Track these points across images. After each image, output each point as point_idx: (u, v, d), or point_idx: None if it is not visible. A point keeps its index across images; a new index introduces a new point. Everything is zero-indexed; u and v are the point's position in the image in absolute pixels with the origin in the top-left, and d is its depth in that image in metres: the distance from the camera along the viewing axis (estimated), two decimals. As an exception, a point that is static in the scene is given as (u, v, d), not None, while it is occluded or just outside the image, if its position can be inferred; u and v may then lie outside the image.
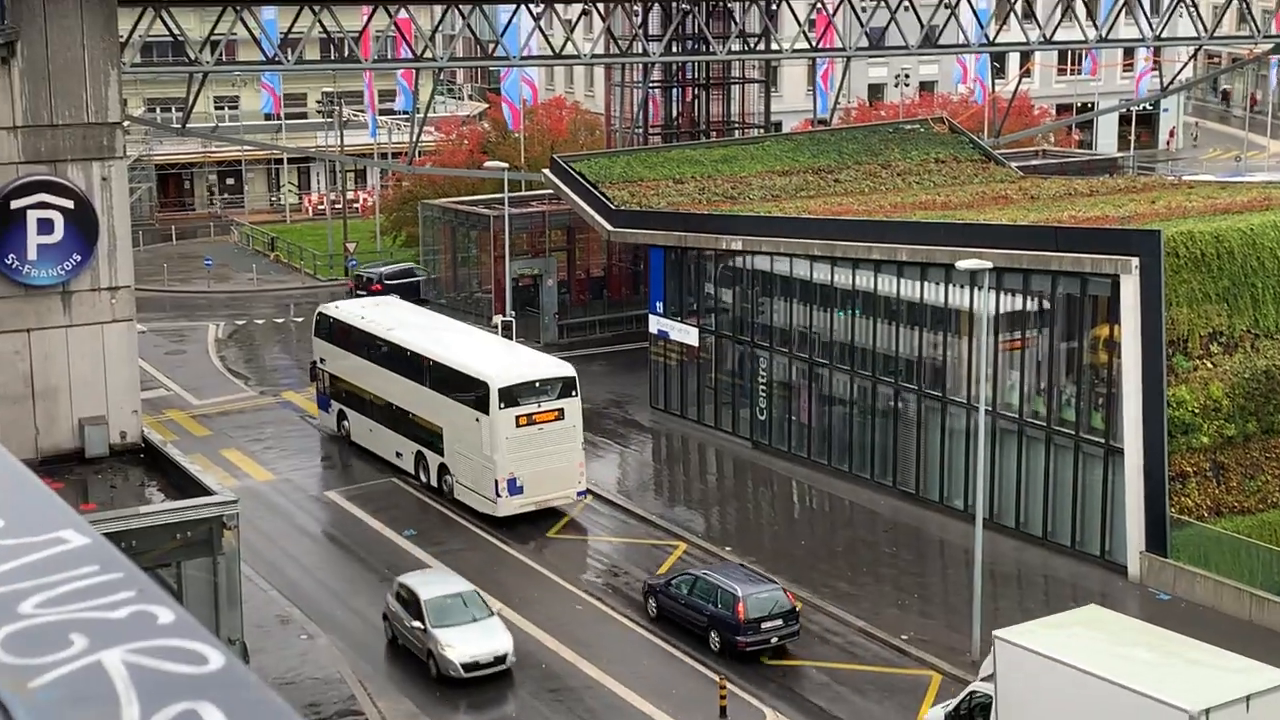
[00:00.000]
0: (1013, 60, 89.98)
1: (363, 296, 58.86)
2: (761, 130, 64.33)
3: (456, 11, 59.04)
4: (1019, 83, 77.15)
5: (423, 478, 45.19)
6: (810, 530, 42.95)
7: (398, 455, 46.35)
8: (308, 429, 51.36)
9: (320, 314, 51.40)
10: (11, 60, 29.67)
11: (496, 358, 44.20)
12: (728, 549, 39.91)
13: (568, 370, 43.14)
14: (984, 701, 28.04)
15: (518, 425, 41.44)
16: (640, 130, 63.04)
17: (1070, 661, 26.16)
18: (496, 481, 41.43)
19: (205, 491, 28.58)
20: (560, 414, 42.07)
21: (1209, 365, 38.20)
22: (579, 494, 42.62)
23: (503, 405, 41.36)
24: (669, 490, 46.62)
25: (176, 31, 53.87)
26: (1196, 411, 37.55)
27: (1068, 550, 39.11)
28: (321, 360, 50.49)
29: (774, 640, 33.64)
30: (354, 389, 48.56)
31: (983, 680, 28.57)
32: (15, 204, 29.86)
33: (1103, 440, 38.25)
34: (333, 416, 49.96)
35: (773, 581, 35.28)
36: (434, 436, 44.42)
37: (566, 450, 42.11)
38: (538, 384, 42.27)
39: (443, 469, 44.08)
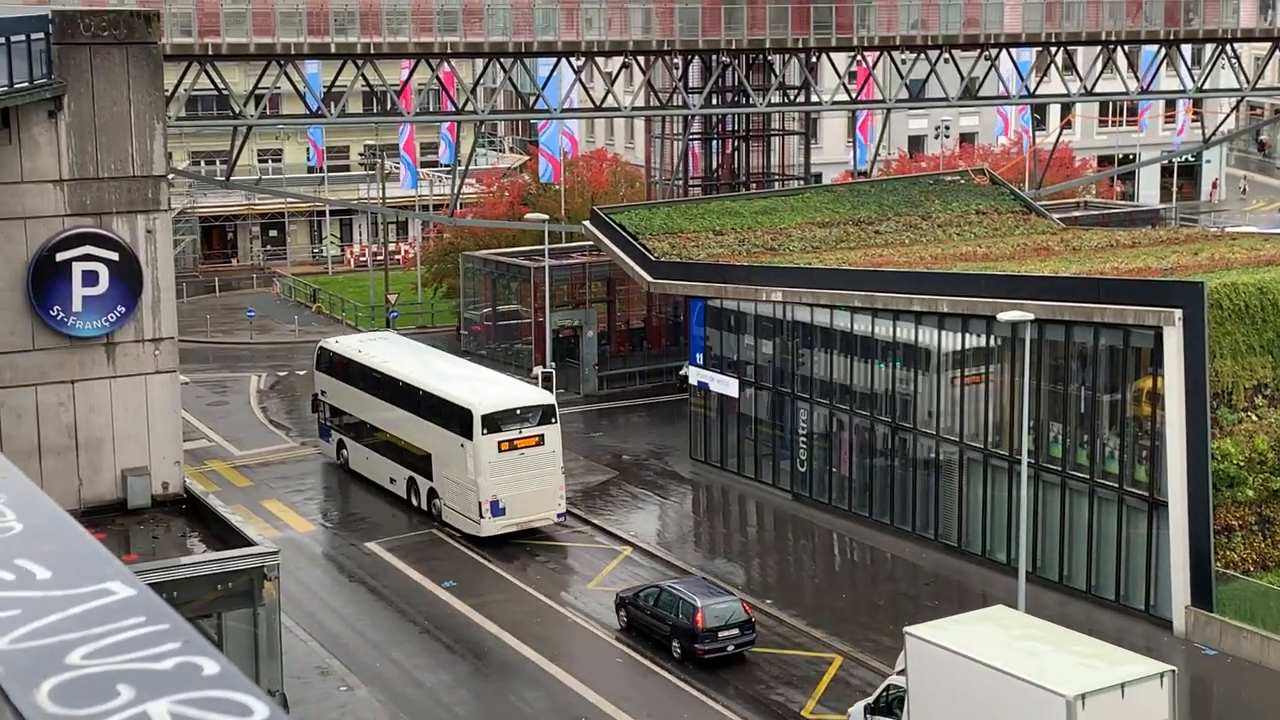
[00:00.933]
0: (1053, 112, 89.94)
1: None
2: (801, 182, 64.43)
3: (498, 65, 59.50)
4: (1060, 134, 77.07)
5: (414, 502, 47.39)
6: (851, 583, 42.69)
7: (391, 481, 48.66)
8: (348, 480, 51.44)
9: (321, 348, 54.05)
10: (59, 114, 30.03)
11: (480, 387, 46.52)
12: (768, 602, 39.70)
13: (548, 399, 45.75)
14: (900, 695, 29.80)
15: (500, 450, 43.73)
16: (680, 182, 63.25)
17: (967, 653, 28.09)
18: (480, 504, 43.63)
19: (246, 542, 28.65)
20: (541, 439, 44.32)
21: (1254, 418, 37.87)
22: (559, 516, 44.82)
23: (485, 431, 43.62)
24: (709, 542, 46.45)
25: (221, 85, 54.48)
26: (1241, 464, 37.20)
27: (1112, 604, 38.73)
28: (322, 392, 52.92)
29: (730, 648, 35.70)
30: (351, 419, 51.11)
31: (898, 674, 30.15)
32: (61, 256, 30.15)
33: (1147, 493, 37.93)
34: (333, 446, 52.38)
35: (731, 594, 37.64)
36: (424, 462, 46.60)
37: (547, 474, 44.31)
38: (519, 411, 44.54)
39: (432, 493, 46.30)
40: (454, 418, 44.73)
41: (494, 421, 43.82)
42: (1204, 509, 36.54)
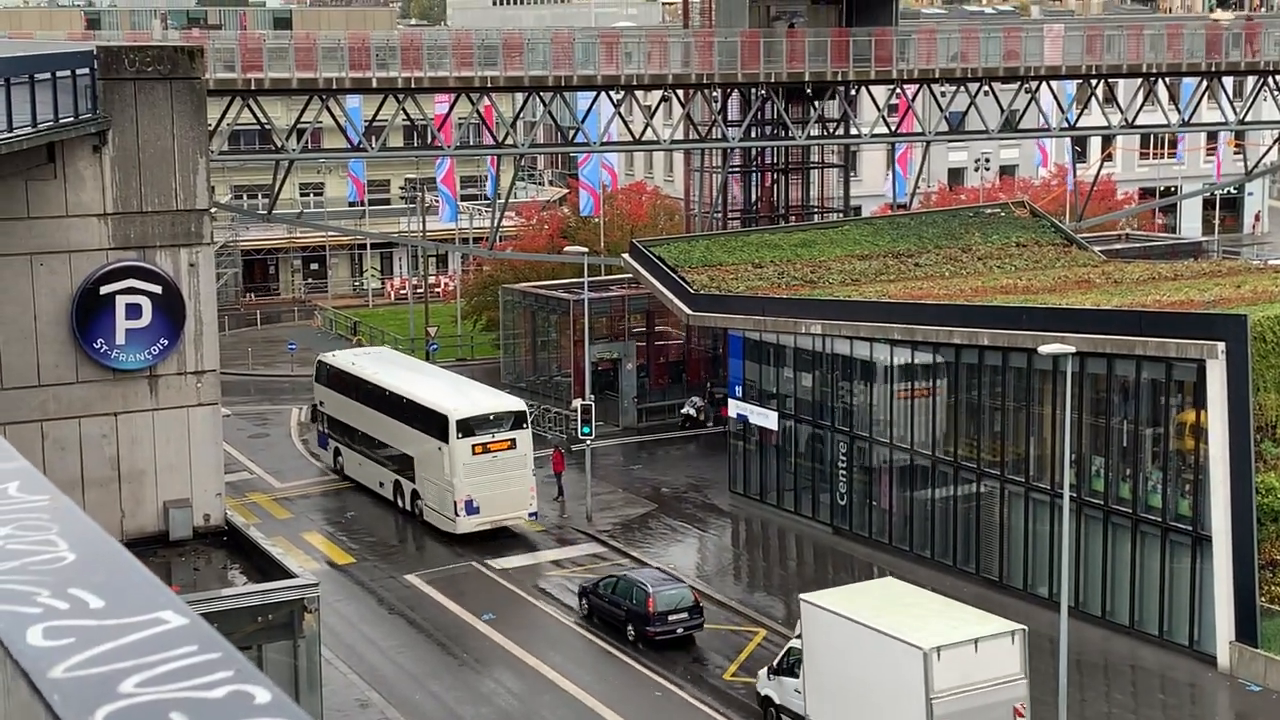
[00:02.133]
0: (1094, 144, 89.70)
1: None
2: (840, 214, 64.39)
3: (538, 99, 59.75)
4: (1100, 167, 76.82)
5: (400, 503, 50.70)
6: (892, 617, 42.41)
7: (380, 485, 52.06)
8: (387, 512, 51.54)
9: (320, 361, 57.79)
10: (103, 149, 30.29)
11: (457, 394, 50.23)
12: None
13: (519, 405, 49.21)
14: (799, 656, 33.39)
15: (474, 453, 47.13)
16: (719, 215, 63.30)
17: (849, 615, 31.78)
18: (455, 503, 47.02)
19: (287, 574, 28.70)
20: (513, 443, 47.69)
21: (1298, 451, 37.55)
22: (530, 514, 48.08)
23: (460, 435, 47.11)
24: (748, 575, 46.31)
25: (263, 120, 54.89)
26: (1286, 498, 36.88)
27: (1155, 640, 38.41)
28: (321, 403, 56.80)
29: (680, 631, 39.19)
30: (346, 427, 54.53)
31: (796, 638, 33.82)
32: (105, 289, 30.36)
33: (1190, 527, 37.64)
34: (330, 453, 56.06)
35: (682, 582, 41.44)
36: (407, 465, 50.04)
37: (519, 476, 47.62)
38: (492, 417, 48.09)
39: (415, 495, 49.63)
40: (432, 423, 48.19)
41: (468, 426, 47.33)
42: (1248, 543, 36.23)
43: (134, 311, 30.65)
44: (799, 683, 33.11)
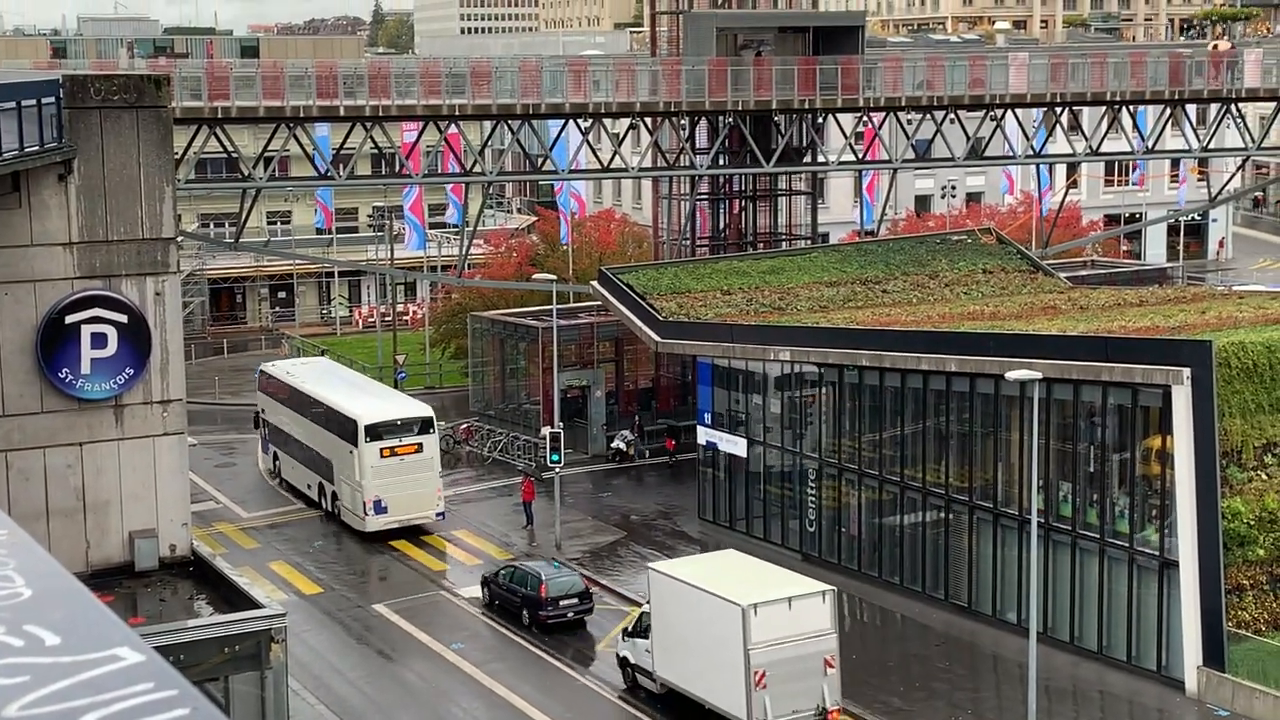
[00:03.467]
0: (1059, 171, 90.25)
1: None
2: (808, 241, 64.58)
3: (505, 127, 59.82)
4: (1065, 194, 77.26)
5: (324, 505, 53.31)
6: (862, 644, 42.39)
7: (308, 487, 54.73)
8: (354, 542, 51.31)
9: (260, 371, 60.84)
10: (69, 177, 30.19)
11: (368, 401, 53.05)
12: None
13: (426, 411, 51.94)
14: (649, 621, 37.07)
15: (382, 456, 50.02)
16: (688, 242, 63.41)
17: (686, 580, 35.89)
18: (365, 503, 49.89)
19: (253, 605, 28.56)
20: (419, 447, 50.63)
21: (1264, 476, 37.76)
22: (437, 515, 50.85)
23: (369, 439, 50.08)
24: (718, 603, 46.19)
25: (230, 148, 54.79)
26: (1252, 524, 37.06)
27: (1123, 665, 38.50)
28: (261, 410, 59.71)
29: (570, 615, 42.30)
30: (282, 433, 57.37)
31: (647, 604, 37.86)
32: (70, 319, 30.23)
33: (1157, 553, 37.77)
34: (270, 458, 59.04)
35: (574, 572, 44.51)
36: (329, 469, 52.68)
37: (425, 478, 50.55)
38: (399, 422, 51.11)
39: (334, 496, 52.24)
40: (346, 428, 51.23)
41: (376, 431, 50.43)
42: (1215, 568, 36.38)
43: (99, 341, 30.52)
44: (649, 643, 37.04)
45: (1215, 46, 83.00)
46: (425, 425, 51.05)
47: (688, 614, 35.58)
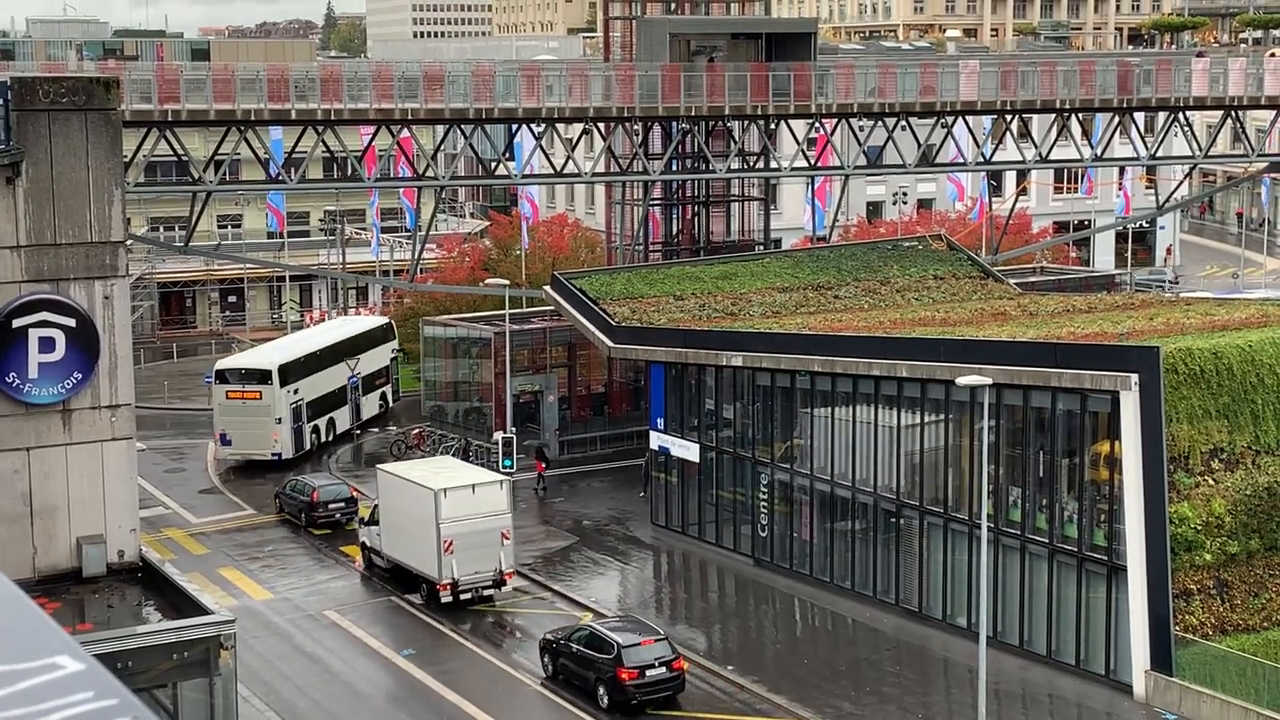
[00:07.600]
0: (1009, 178, 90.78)
1: None
2: (761, 247, 64.71)
3: (458, 131, 59.68)
4: (1015, 201, 77.69)
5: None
6: (813, 649, 42.56)
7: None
8: (303, 546, 51.07)
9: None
10: (16, 180, 29.93)
11: (234, 355, 64.66)
12: (730, 668, 39.55)
13: (267, 364, 61.06)
14: (379, 515, 46.62)
15: (228, 398, 60.27)
16: (641, 247, 63.43)
17: (399, 474, 46.33)
18: (215, 435, 60.81)
19: (202, 611, 28.36)
20: (260, 395, 59.90)
21: (1211, 482, 38.08)
22: (274, 455, 59.93)
23: (218, 382, 60.81)
24: (670, 608, 46.26)
25: (180, 151, 54.45)
26: (1199, 528, 37.36)
27: (1072, 669, 38.75)
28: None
29: (338, 516, 51.93)
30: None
31: (377, 498, 47.50)
32: (17, 323, 29.96)
33: (1106, 557, 38.04)
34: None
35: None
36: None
37: (265, 421, 59.96)
38: (244, 371, 61.24)
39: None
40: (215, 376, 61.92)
41: (223, 375, 60.92)
42: (1162, 573, 36.65)
43: (47, 345, 30.25)
44: (379, 529, 46.54)
45: (1274, 54, 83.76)
46: (265, 375, 60.35)
47: (400, 500, 45.21)
